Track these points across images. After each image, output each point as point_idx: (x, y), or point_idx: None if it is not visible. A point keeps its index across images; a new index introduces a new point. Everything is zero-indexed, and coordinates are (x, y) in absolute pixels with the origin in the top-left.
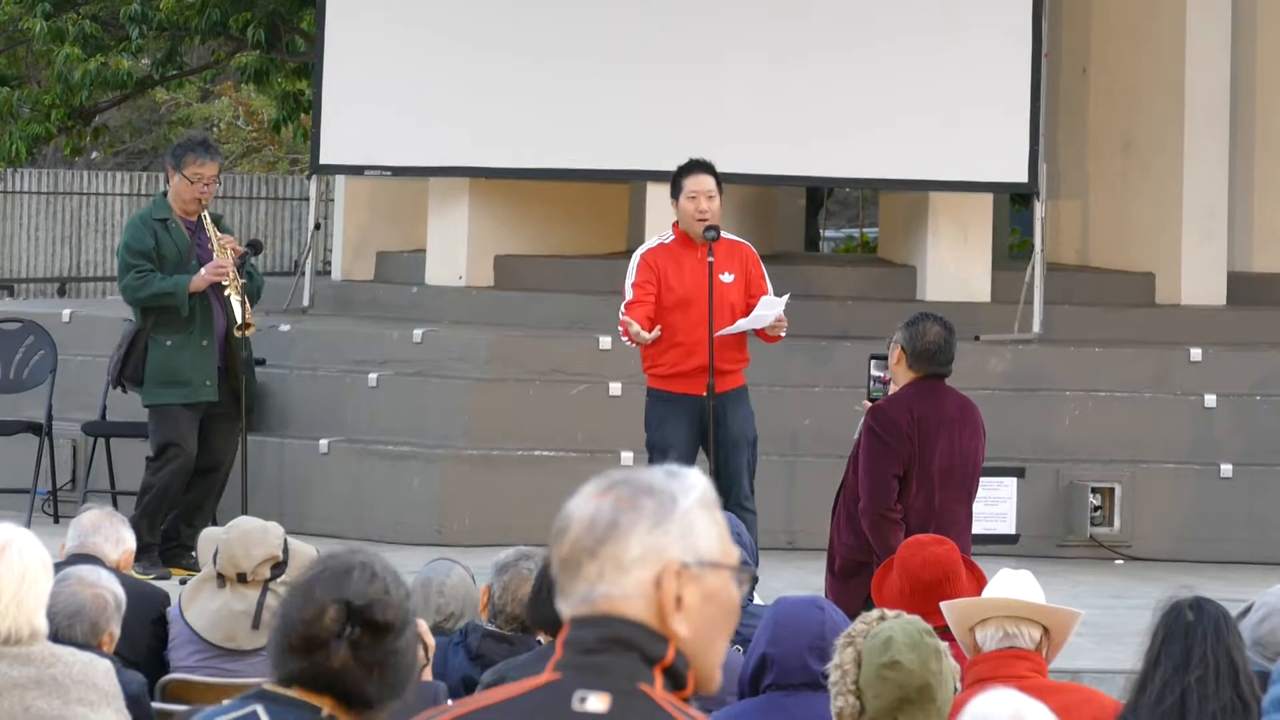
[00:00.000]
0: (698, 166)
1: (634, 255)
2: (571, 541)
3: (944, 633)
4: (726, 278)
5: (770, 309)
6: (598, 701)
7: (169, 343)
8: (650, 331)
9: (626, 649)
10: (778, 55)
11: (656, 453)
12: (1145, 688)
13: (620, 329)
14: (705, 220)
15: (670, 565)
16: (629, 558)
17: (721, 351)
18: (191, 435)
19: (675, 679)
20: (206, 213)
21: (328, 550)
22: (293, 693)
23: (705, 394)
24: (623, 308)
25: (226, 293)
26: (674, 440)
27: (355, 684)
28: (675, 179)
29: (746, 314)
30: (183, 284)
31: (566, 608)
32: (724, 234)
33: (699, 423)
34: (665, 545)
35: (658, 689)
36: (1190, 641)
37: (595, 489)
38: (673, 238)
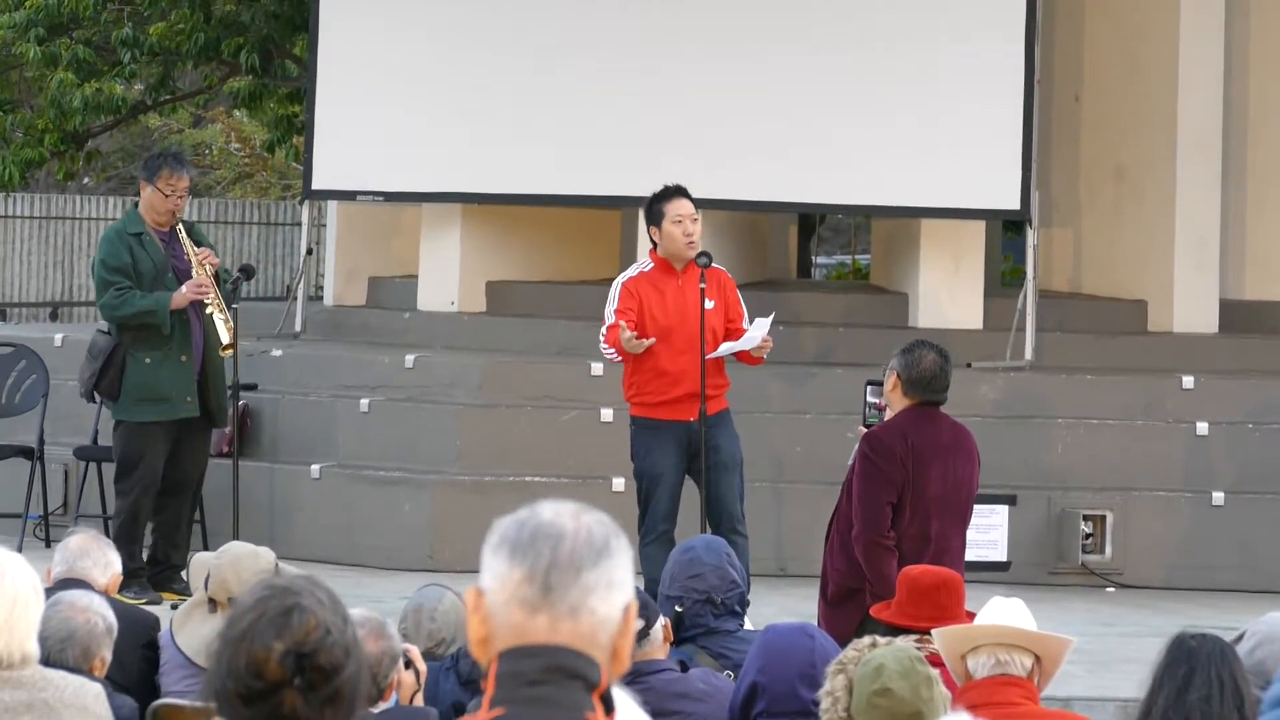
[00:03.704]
0: (677, 192)
1: (614, 283)
2: (572, 548)
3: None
4: (708, 304)
5: (760, 330)
6: None
7: (148, 360)
8: (641, 338)
9: (570, 678)
10: (770, 81)
11: (647, 480)
12: (1149, 714)
13: (604, 344)
14: (693, 242)
15: (631, 599)
16: (618, 578)
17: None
18: (159, 452)
19: (607, 704)
20: (181, 224)
21: (255, 594)
22: None
23: (695, 420)
24: (603, 330)
25: (209, 310)
26: (664, 468)
27: None
28: (653, 205)
29: (725, 340)
30: (164, 301)
31: (543, 619)
32: None
33: (687, 449)
34: (629, 580)
35: (600, 717)
36: (1193, 664)
37: (568, 510)
38: (652, 265)
